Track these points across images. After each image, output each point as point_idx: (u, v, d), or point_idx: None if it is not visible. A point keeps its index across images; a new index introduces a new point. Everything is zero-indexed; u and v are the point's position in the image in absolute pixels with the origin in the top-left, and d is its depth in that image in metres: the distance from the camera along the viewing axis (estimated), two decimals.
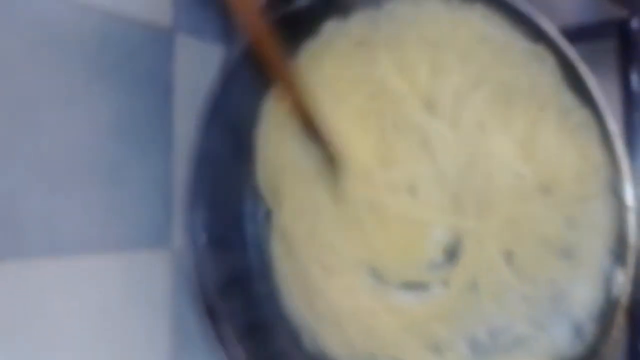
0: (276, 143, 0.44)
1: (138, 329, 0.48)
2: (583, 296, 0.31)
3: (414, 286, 0.39)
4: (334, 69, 0.41)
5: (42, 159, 0.43)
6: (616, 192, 0.27)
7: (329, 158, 0.40)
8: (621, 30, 0.34)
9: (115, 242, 0.47)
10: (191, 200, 0.44)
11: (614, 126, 0.27)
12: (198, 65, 0.51)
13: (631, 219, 0.26)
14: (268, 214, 0.46)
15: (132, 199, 0.48)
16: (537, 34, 0.30)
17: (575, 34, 0.35)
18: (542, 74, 0.33)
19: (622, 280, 0.26)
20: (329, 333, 0.42)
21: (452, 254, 0.36)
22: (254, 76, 0.42)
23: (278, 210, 0.44)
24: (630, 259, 0.26)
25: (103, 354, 0.45)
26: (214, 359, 0.44)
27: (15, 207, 0.41)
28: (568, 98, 0.31)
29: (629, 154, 0.34)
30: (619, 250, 0.27)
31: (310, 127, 0.39)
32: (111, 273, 0.46)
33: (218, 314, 0.43)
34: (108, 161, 0.46)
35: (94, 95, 0.45)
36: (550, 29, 0.28)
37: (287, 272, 0.44)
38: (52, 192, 0.43)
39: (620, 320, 0.26)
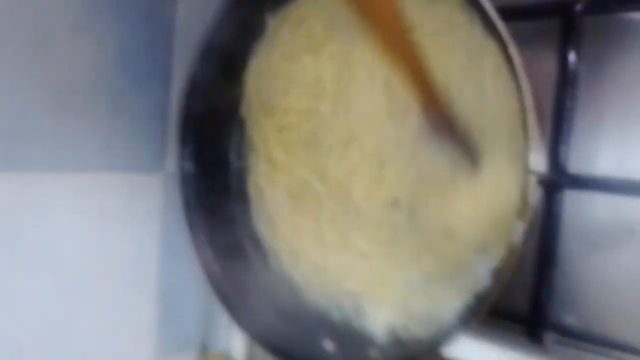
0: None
1: (132, 240, 0.55)
2: (501, 247, 0.36)
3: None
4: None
5: (52, 83, 0.48)
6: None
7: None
8: (565, 11, 0.37)
9: (115, 163, 0.52)
10: (182, 132, 0.48)
11: (529, 101, 0.31)
12: (199, 3, 0.55)
13: (532, 181, 0.31)
14: (250, 150, 0.51)
15: (132, 125, 0.53)
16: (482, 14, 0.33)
17: (525, 12, 0.39)
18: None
19: (519, 233, 0.31)
20: (288, 262, 0.48)
21: None
22: (248, 15, 0.45)
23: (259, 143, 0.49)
24: (527, 216, 0.31)
25: (99, 259, 0.52)
26: (196, 270, 0.49)
27: (25, 124, 0.46)
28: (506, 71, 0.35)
29: (557, 126, 0.39)
30: (522, 207, 0.32)
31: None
32: (109, 191, 0.52)
33: (199, 233, 0.48)
34: (111, 89, 0.51)
35: (101, 27, 0.50)
36: (489, 8, 0.32)
37: (260, 203, 0.49)
38: (59, 114, 0.49)
39: (513, 265, 0.32)
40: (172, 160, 0.53)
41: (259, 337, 0.44)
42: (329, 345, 0.44)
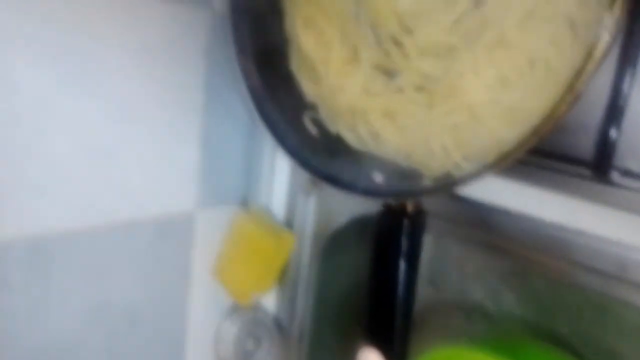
0: None
1: (175, 80, 0.53)
2: None
3: None
4: None
5: None
6: None
7: None
8: None
9: None
10: None
11: None
12: None
13: None
14: None
15: None
16: None
17: None
18: None
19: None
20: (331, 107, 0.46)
21: None
22: None
23: None
24: (616, 10, 0.28)
25: (144, 95, 0.51)
26: (240, 116, 0.47)
27: None
28: None
29: None
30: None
31: None
32: (153, 20, 0.50)
33: (247, 53, 0.45)
34: None
35: None
36: None
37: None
38: None
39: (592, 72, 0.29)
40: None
41: (306, 164, 0.43)
42: (378, 177, 0.42)
